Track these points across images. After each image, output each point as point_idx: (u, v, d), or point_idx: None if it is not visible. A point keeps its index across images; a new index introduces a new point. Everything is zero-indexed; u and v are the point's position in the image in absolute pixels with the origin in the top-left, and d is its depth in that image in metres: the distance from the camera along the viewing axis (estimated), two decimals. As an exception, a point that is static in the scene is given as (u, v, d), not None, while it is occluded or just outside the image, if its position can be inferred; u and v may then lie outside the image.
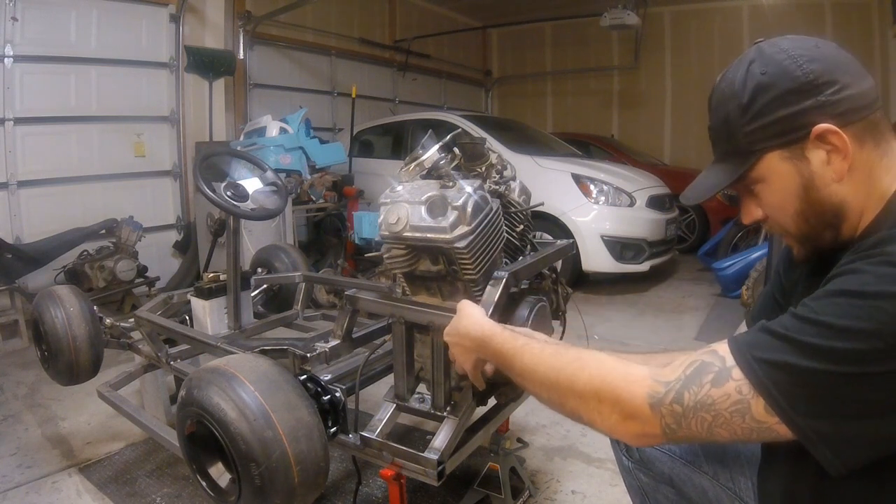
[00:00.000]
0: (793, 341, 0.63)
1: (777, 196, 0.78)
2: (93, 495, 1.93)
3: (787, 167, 0.76)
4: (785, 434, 0.64)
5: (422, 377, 1.41)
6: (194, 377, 1.28)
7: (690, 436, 0.69)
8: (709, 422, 0.67)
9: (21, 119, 4.07)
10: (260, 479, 1.16)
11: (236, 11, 5.49)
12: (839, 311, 0.61)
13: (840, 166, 0.73)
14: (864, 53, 7.08)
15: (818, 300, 0.65)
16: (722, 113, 0.80)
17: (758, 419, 0.64)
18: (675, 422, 0.68)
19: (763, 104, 0.75)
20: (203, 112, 5.07)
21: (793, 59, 0.74)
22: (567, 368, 0.79)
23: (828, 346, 0.60)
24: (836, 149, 0.73)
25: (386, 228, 1.32)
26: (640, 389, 0.70)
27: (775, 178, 0.77)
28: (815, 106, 0.72)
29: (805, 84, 0.73)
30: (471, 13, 9.07)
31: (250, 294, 2.42)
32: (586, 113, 9.24)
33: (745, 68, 0.77)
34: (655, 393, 0.69)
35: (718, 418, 0.66)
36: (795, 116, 0.73)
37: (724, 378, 0.66)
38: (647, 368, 0.72)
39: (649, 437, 0.72)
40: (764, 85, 0.75)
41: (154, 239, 4.77)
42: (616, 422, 0.72)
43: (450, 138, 1.44)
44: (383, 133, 6.18)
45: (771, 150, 0.76)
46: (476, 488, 1.77)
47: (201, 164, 2.06)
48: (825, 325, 0.61)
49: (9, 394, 2.85)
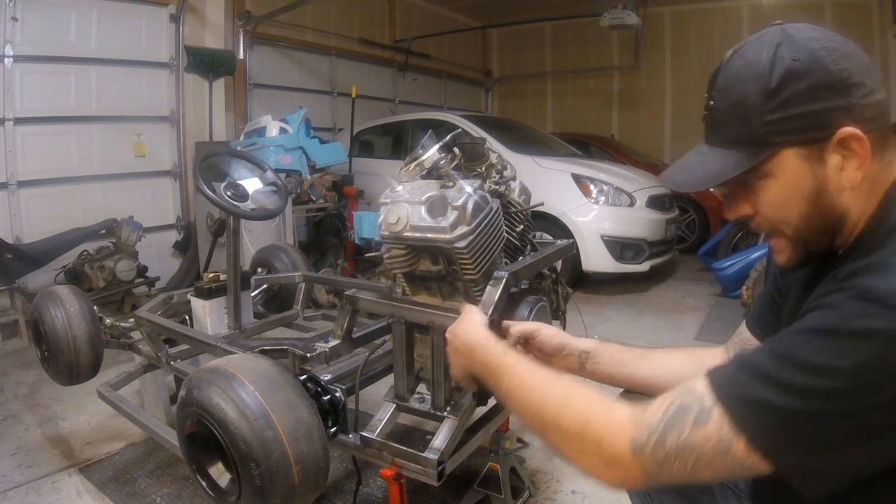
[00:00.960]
0: (771, 379, 0.62)
1: (783, 195, 0.73)
2: (93, 495, 1.93)
3: (802, 166, 0.71)
4: (766, 469, 0.64)
5: (422, 377, 1.41)
6: (194, 377, 1.28)
7: (672, 477, 0.68)
8: (691, 463, 0.66)
9: (21, 119, 4.07)
10: (260, 479, 1.16)
11: (236, 11, 5.49)
12: (816, 348, 0.61)
13: (854, 175, 0.69)
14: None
15: (796, 335, 0.64)
16: (738, 94, 0.72)
17: (739, 458, 0.64)
18: (658, 466, 0.68)
19: (792, 93, 0.68)
20: (203, 112, 5.07)
21: (827, 50, 0.68)
22: (554, 402, 0.78)
23: (806, 385, 0.60)
24: (854, 155, 0.69)
25: (386, 228, 1.32)
26: (624, 435, 0.69)
27: (787, 176, 0.72)
28: (846, 106, 0.68)
29: (838, 81, 0.67)
30: (471, 13, 9.07)
31: (250, 294, 2.42)
32: (586, 113, 9.24)
33: (773, 50, 0.70)
34: (638, 438, 0.68)
35: (701, 460, 0.66)
36: (824, 114, 0.68)
37: (705, 419, 0.66)
38: (629, 412, 0.71)
39: (629, 481, 0.71)
40: (796, 72, 0.68)
41: (154, 239, 4.77)
42: (596, 465, 0.72)
43: (450, 138, 1.44)
44: (383, 133, 6.18)
45: (790, 146, 0.70)
46: (476, 488, 1.77)
47: (201, 164, 2.06)
48: (802, 362, 0.61)
49: (9, 394, 2.85)
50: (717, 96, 0.76)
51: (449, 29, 8.49)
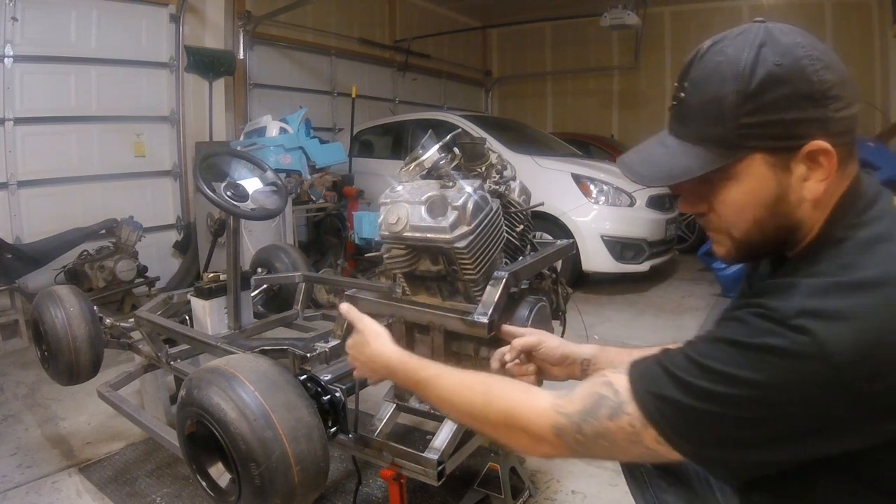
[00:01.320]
0: (681, 381, 0.67)
1: (743, 199, 0.72)
2: (93, 495, 1.93)
3: (767, 173, 0.70)
4: (677, 457, 0.69)
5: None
6: (194, 377, 1.28)
7: (595, 456, 0.76)
8: (608, 448, 0.73)
9: (21, 119, 4.07)
10: (260, 479, 1.16)
11: (236, 11, 5.49)
12: (723, 357, 0.65)
13: (817, 187, 0.70)
14: (864, 53, 7.10)
15: (708, 343, 0.68)
16: (713, 91, 0.70)
17: (650, 447, 0.70)
18: (580, 446, 0.74)
19: (770, 99, 0.67)
20: (203, 112, 5.07)
21: (810, 59, 0.67)
22: (478, 400, 0.85)
23: (710, 389, 0.64)
24: (820, 168, 0.69)
25: (386, 228, 1.32)
26: (546, 421, 0.76)
27: (750, 181, 0.71)
28: (821, 119, 0.67)
29: (818, 92, 0.67)
30: (471, 13, 9.07)
31: (250, 294, 2.42)
32: (586, 113, 9.24)
33: (755, 51, 0.69)
34: (558, 424, 0.75)
35: (616, 446, 0.72)
36: (798, 124, 0.68)
37: (619, 413, 0.71)
38: (550, 399, 0.78)
39: (557, 455, 0.79)
40: (777, 78, 0.67)
41: (154, 239, 4.77)
42: (528, 444, 0.80)
43: (450, 138, 1.44)
44: (383, 133, 6.18)
45: (759, 151, 0.70)
46: (476, 488, 1.77)
47: (201, 164, 2.06)
48: (710, 369, 0.65)
49: (9, 394, 2.85)
50: (689, 89, 0.74)
51: (449, 29, 8.49)
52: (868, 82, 7.06)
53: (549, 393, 0.80)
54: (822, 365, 0.59)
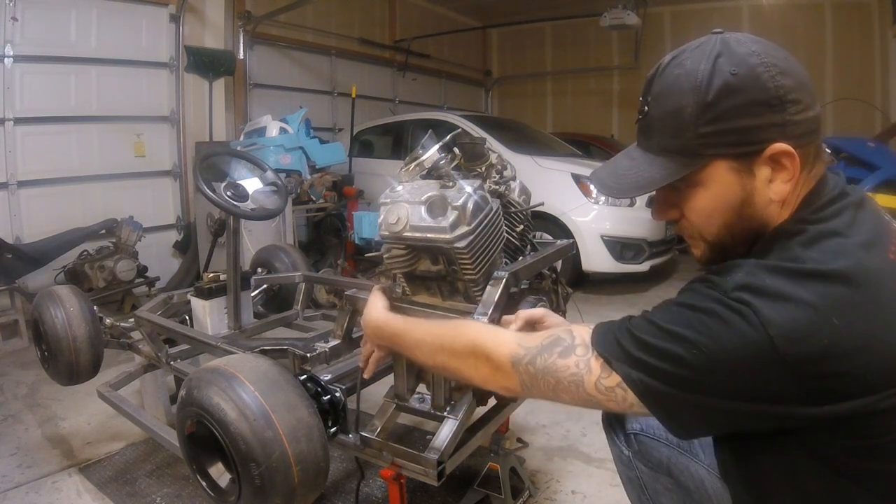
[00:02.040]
0: (634, 335, 0.72)
1: (710, 204, 0.76)
2: (93, 495, 1.93)
3: (731, 178, 0.73)
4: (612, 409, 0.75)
5: (422, 377, 1.41)
6: (194, 377, 1.28)
7: (541, 394, 0.80)
8: (553, 385, 0.78)
9: (21, 119, 4.07)
10: (260, 479, 1.16)
11: (236, 11, 5.49)
12: (670, 317, 0.71)
13: (782, 188, 0.72)
14: (864, 53, 7.10)
15: (664, 307, 0.74)
16: (673, 104, 0.73)
17: (589, 392, 0.75)
18: (530, 380, 0.80)
19: (727, 108, 0.70)
20: (203, 112, 5.07)
21: (766, 66, 0.69)
22: (448, 335, 0.93)
23: (654, 345, 0.69)
24: (783, 170, 0.71)
25: (386, 228, 1.32)
26: (506, 349, 0.83)
27: (716, 187, 0.74)
28: (779, 123, 0.69)
29: (774, 98, 0.69)
30: (471, 13, 9.07)
31: (250, 294, 2.42)
32: (586, 113, 9.24)
33: (712, 61, 0.71)
34: (516, 354, 0.82)
35: (560, 385, 0.78)
36: (756, 130, 0.70)
37: (570, 352, 0.78)
38: (514, 335, 0.86)
39: (511, 390, 0.84)
40: (732, 87, 0.69)
41: (154, 239, 4.77)
42: (487, 374, 0.86)
43: (450, 138, 1.44)
44: (383, 133, 6.18)
45: (721, 158, 0.72)
46: (476, 488, 1.77)
47: (201, 164, 2.06)
48: (657, 326, 0.71)
49: (9, 394, 2.85)
50: (652, 103, 0.77)
51: (449, 29, 8.49)
52: (868, 82, 7.07)
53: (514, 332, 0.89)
54: (760, 336, 0.63)
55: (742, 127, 0.70)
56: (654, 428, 1.07)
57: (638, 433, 1.09)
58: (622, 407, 0.74)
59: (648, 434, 1.07)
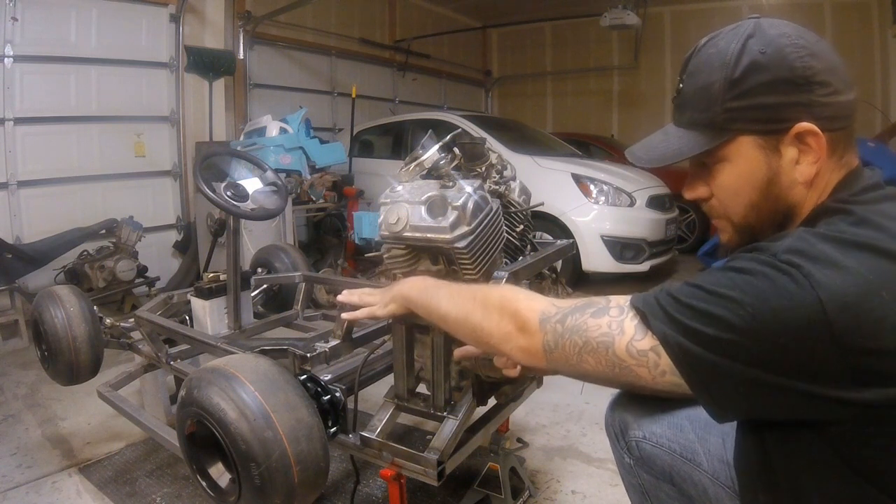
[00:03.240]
0: (674, 297, 0.69)
1: (737, 181, 0.78)
2: (93, 495, 1.93)
3: (757, 155, 0.75)
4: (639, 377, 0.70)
5: (422, 377, 1.41)
6: (194, 377, 1.28)
7: (564, 358, 0.76)
8: (580, 346, 0.75)
9: (21, 119, 4.07)
10: (260, 479, 1.16)
11: (236, 11, 5.49)
12: (715, 280, 0.67)
13: (808, 170, 0.73)
14: (864, 53, 7.09)
15: (705, 273, 0.71)
16: (704, 79, 0.77)
17: (618, 355, 0.72)
18: (554, 340, 0.77)
19: (753, 84, 0.72)
20: (203, 112, 5.07)
21: (795, 47, 0.71)
22: (483, 289, 0.92)
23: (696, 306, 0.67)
24: (809, 150, 0.72)
25: (386, 228, 1.32)
26: (538, 305, 0.81)
27: (742, 163, 0.76)
28: (805, 103, 0.71)
29: (801, 77, 0.71)
30: (471, 13, 9.07)
31: (250, 294, 2.42)
32: (586, 113, 9.24)
33: (742, 41, 0.74)
34: (547, 311, 0.79)
35: (588, 345, 0.74)
36: (782, 107, 0.72)
37: (603, 313, 0.75)
38: (548, 298, 0.83)
39: (530, 352, 0.80)
40: (760, 65, 0.72)
41: (154, 239, 4.77)
42: (510, 330, 0.82)
43: (450, 138, 1.44)
44: (383, 133, 6.18)
45: (747, 134, 0.75)
46: (476, 488, 1.77)
47: (201, 165, 2.05)
48: (701, 287, 0.68)
49: (9, 394, 2.85)
50: (686, 80, 0.81)
51: (449, 29, 8.48)
52: (868, 82, 7.06)
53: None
54: (810, 298, 0.60)
55: (768, 104, 0.72)
56: (657, 436, 1.04)
57: (640, 441, 1.05)
58: (653, 375, 0.70)
59: (651, 442, 1.04)
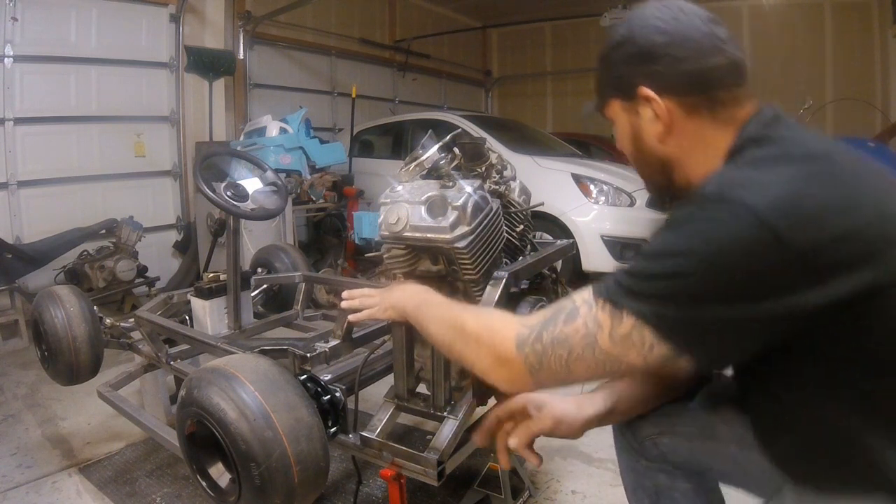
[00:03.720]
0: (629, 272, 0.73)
1: (620, 137, 0.93)
2: (93, 495, 1.93)
3: (623, 116, 0.90)
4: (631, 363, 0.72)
5: (422, 377, 1.41)
6: (194, 377, 1.28)
7: (551, 374, 0.78)
8: (565, 357, 0.77)
9: (21, 119, 4.07)
10: (260, 479, 1.16)
11: (236, 11, 5.49)
12: (658, 242, 0.73)
13: (655, 127, 0.85)
14: (864, 53, 7.09)
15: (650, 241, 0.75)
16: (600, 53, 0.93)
17: (605, 350, 0.74)
18: (537, 360, 0.78)
19: (613, 59, 0.89)
20: (203, 112, 5.07)
21: (644, 27, 0.84)
22: (461, 318, 0.92)
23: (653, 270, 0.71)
24: (656, 112, 0.84)
25: (386, 228, 1.32)
26: (510, 332, 0.82)
27: (618, 122, 0.92)
28: (647, 73, 0.83)
29: (644, 52, 0.83)
30: (471, 13, 9.06)
31: (250, 294, 2.42)
32: (586, 113, 9.23)
33: (625, 23, 0.88)
34: (521, 335, 0.81)
35: (573, 353, 0.76)
36: (630, 77, 0.85)
37: (574, 315, 0.77)
38: (518, 318, 0.86)
39: (516, 379, 0.82)
40: (617, 42, 0.88)
41: (154, 239, 4.77)
42: (491, 364, 0.84)
43: (450, 138, 1.44)
44: (383, 133, 6.18)
45: (614, 98, 0.90)
46: (476, 488, 1.77)
47: (201, 165, 2.06)
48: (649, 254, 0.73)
49: (9, 394, 2.85)
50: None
51: (449, 29, 8.48)
52: (868, 82, 7.06)
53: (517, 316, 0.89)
54: (749, 221, 0.64)
55: (621, 74, 0.87)
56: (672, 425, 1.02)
57: (656, 436, 1.03)
58: (642, 354, 0.72)
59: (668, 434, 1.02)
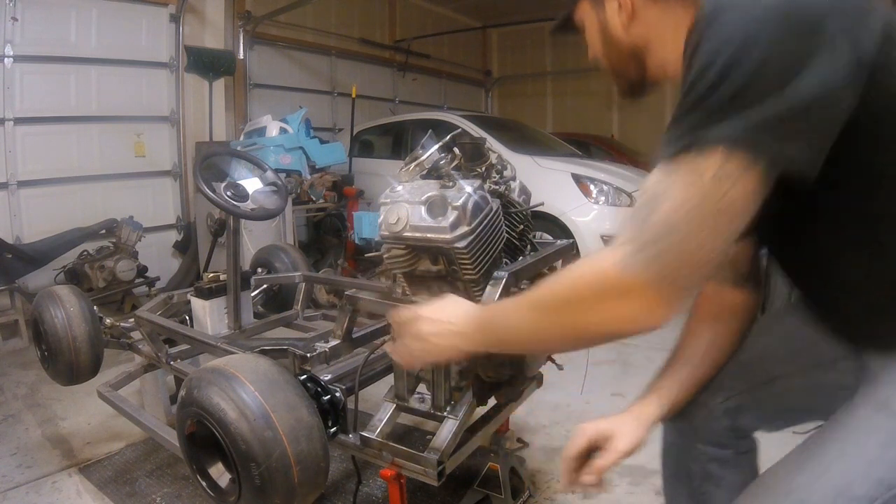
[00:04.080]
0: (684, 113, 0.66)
1: (590, 35, 0.98)
2: (93, 495, 1.93)
3: (592, 14, 0.96)
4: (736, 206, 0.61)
5: (422, 377, 1.41)
6: (194, 377, 1.28)
7: (681, 264, 0.63)
8: (680, 240, 0.62)
9: (21, 119, 4.07)
10: (260, 479, 1.16)
11: (236, 11, 5.49)
12: (697, 62, 0.64)
13: (622, 18, 0.90)
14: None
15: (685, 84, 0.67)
16: None
17: (711, 196, 0.61)
18: (658, 264, 0.64)
19: None
20: (203, 112, 5.07)
21: None
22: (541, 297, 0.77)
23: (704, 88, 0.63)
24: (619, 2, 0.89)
25: (386, 228, 1.32)
26: (605, 262, 0.67)
27: (588, 22, 0.97)
28: None
29: None
30: (471, 13, 9.06)
31: (250, 294, 2.42)
32: (586, 113, 9.23)
33: None
34: (616, 254, 0.66)
35: (689, 225, 0.62)
36: None
37: (657, 200, 0.64)
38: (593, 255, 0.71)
39: (649, 308, 0.67)
40: None
41: (154, 239, 4.77)
42: (618, 308, 0.68)
43: (450, 138, 1.44)
44: (383, 133, 6.18)
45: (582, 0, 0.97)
46: (476, 488, 1.77)
47: (201, 165, 2.06)
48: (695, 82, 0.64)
49: (9, 394, 2.85)
50: None
51: (449, 29, 8.48)
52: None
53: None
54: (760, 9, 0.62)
55: None
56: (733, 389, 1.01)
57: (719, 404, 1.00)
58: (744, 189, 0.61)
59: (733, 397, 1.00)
